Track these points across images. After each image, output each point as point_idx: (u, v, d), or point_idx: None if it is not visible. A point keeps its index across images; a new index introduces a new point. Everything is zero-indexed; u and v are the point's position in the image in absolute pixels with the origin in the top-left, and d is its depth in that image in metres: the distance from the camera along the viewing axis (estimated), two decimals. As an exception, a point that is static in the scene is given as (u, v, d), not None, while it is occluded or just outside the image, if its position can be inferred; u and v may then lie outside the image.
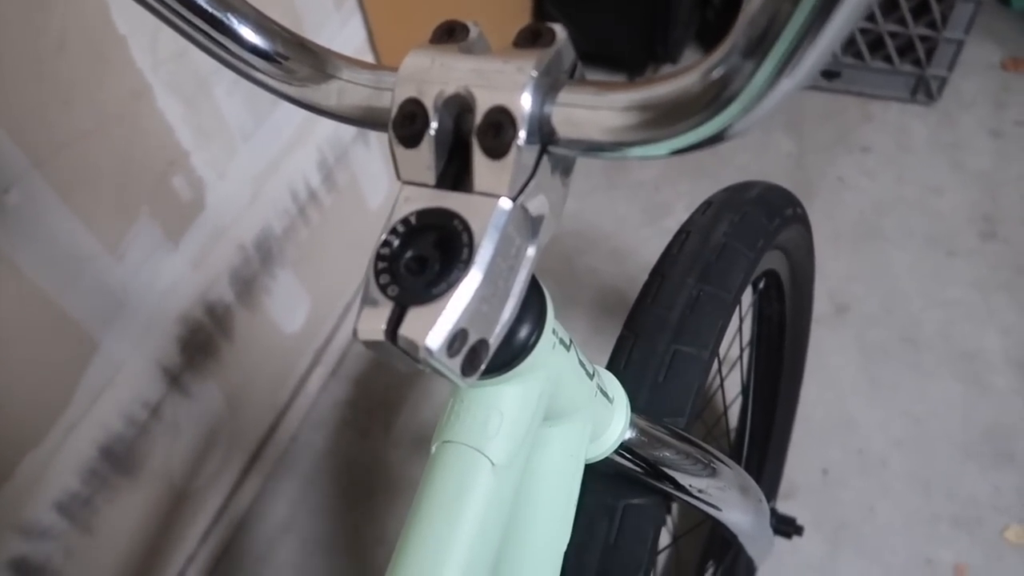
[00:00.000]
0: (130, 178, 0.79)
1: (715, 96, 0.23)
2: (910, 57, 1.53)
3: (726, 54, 0.22)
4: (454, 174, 0.29)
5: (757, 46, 0.21)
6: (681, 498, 0.50)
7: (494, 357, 0.29)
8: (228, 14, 0.29)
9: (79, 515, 0.84)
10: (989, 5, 1.42)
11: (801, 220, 0.74)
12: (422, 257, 0.27)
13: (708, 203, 0.64)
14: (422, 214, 0.28)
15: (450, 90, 0.27)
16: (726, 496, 0.51)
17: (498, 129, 0.26)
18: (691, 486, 0.49)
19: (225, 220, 0.95)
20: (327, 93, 0.31)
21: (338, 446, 1.22)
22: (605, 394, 0.40)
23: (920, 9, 1.45)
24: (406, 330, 0.26)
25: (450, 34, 0.29)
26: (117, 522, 0.90)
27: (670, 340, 0.52)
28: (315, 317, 1.21)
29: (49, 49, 0.67)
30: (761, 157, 1.55)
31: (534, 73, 0.26)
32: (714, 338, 0.53)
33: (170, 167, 0.84)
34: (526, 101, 0.26)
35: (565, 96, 0.27)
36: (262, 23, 0.30)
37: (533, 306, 0.31)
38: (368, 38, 1.13)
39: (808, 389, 1.04)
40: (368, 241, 1.34)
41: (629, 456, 0.44)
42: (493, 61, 0.27)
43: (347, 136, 1.16)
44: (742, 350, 0.81)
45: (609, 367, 0.54)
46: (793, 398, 1.00)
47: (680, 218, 0.64)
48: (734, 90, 0.22)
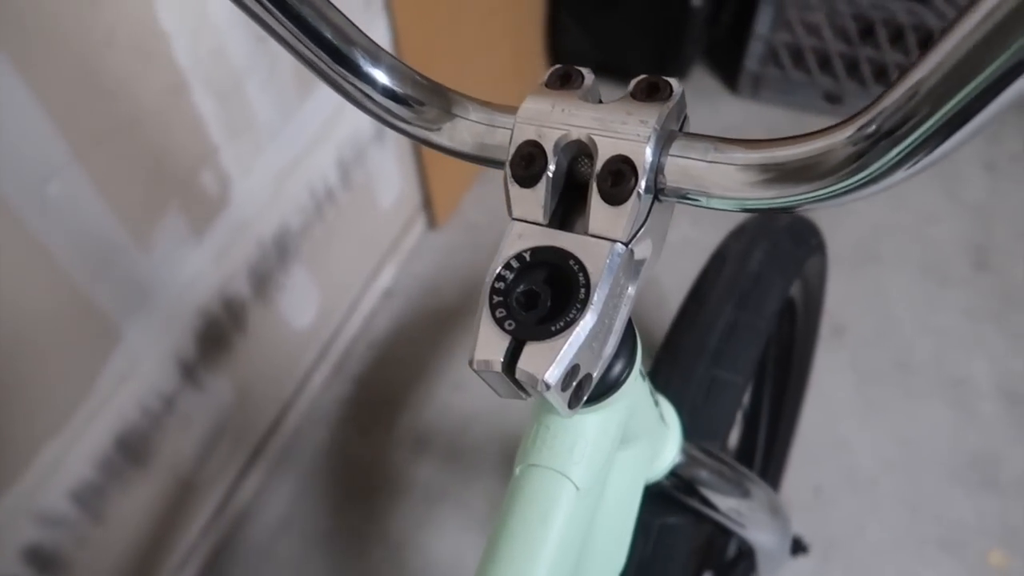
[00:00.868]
0: (162, 172, 0.80)
1: (841, 168, 0.24)
2: (912, 87, 1.57)
3: (859, 128, 0.23)
4: (563, 213, 0.30)
5: (898, 128, 0.22)
6: (714, 518, 0.52)
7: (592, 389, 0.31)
8: (365, 58, 0.31)
9: (92, 504, 0.85)
10: (991, 41, 1.46)
11: (821, 250, 0.77)
12: (534, 292, 0.29)
13: (741, 229, 0.66)
14: (537, 251, 0.29)
15: (572, 136, 0.29)
16: (756, 517, 0.53)
17: (619, 177, 0.28)
18: (725, 506, 0.51)
19: (247, 216, 0.95)
20: (445, 131, 0.32)
21: (340, 443, 1.23)
22: (663, 419, 0.42)
23: (925, 42, 1.49)
24: (525, 364, 0.27)
25: (566, 79, 0.31)
26: (126, 512, 0.91)
27: (709, 365, 0.54)
28: (323, 314, 1.22)
29: (98, 44, 0.67)
30: (764, 177, 1.57)
31: (656, 126, 0.28)
32: (750, 365, 0.55)
33: (200, 162, 0.85)
34: (648, 152, 0.27)
35: (679, 148, 0.28)
36: (395, 66, 0.32)
37: (627, 342, 0.33)
38: (393, 38, 1.13)
39: (803, 408, 1.06)
40: (377, 240, 1.35)
41: (674, 478, 0.46)
42: (616, 112, 0.28)
43: (365, 136, 1.17)
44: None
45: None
46: (794, 418, 1.03)
47: (693, 233, 0.66)
48: (863, 166, 0.24)
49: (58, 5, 0.62)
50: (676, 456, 0.44)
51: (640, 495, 0.42)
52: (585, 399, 0.30)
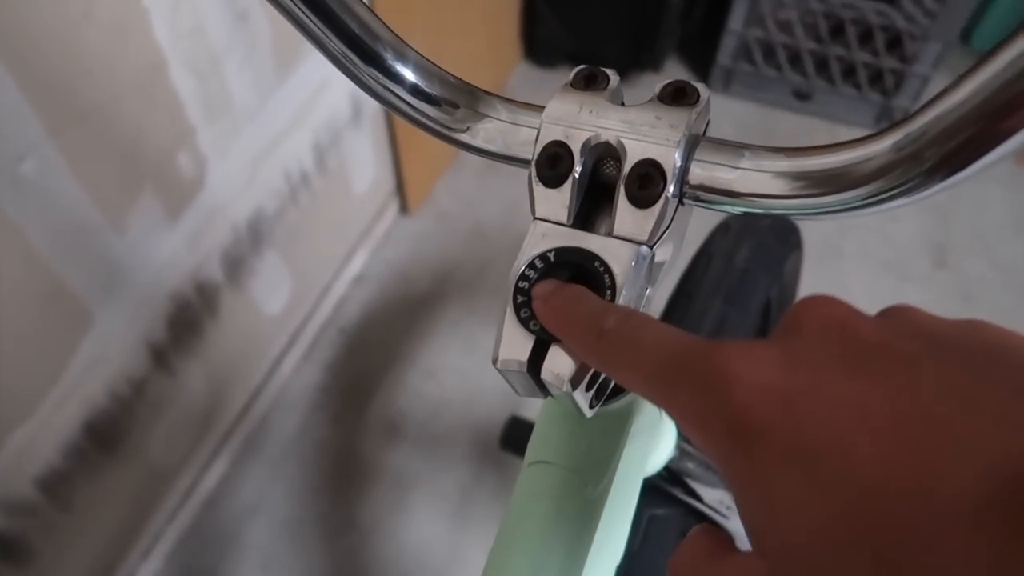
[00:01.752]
0: (138, 152, 0.78)
1: (870, 179, 0.25)
2: (878, 87, 1.61)
3: (893, 144, 0.24)
4: (586, 214, 0.31)
5: (927, 147, 0.23)
6: (701, 509, 0.53)
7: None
8: (394, 56, 0.30)
9: (59, 491, 0.83)
10: (953, 44, 1.50)
11: (799, 247, 0.78)
12: (559, 292, 0.29)
13: (726, 226, 0.67)
14: (561, 251, 0.29)
15: (601, 137, 0.29)
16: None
17: (647, 180, 0.28)
18: (712, 498, 0.52)
19: (222, 199, 0.93)
20: (471, 130, 0.32)
21: (310, 429, 1.22)
22: (662, 414, 0.43)
23: (893, 42, 1.52)
24: (552, 365, 0.28)
25: (591, 80, 0.31)
26: (92, 498, 0.89)
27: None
28: (294, 300, 1.21)
29: (76, 17, 0.65)
30: (733, 171, 1.60)
31: (686, 131, 0.28)
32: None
33: (177, 143, 0.82)
34: (678, 157, 0.28)
35: (704, 153, 0.29)
36: (425, 66, 0.31)
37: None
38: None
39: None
40: (350, 225, 1.34)
41: (666, 471, 0.47)
42: (645, 115, 0.29)
43: (342, 119, 1.16)
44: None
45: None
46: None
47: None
48: (893, 179, 0.24)
49: (36, -24, 0.60)
50: (672, 450, 0.45)
51: (639, 489, 0.42)
52: (603, 399, 0.30)
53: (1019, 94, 0.20)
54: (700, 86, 0.30)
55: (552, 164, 0.29)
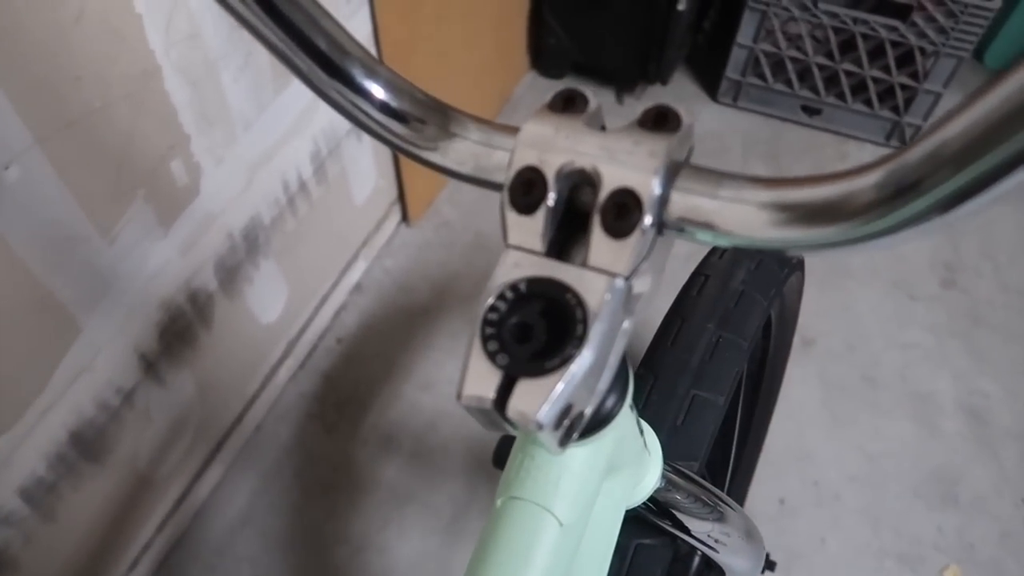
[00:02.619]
0: (130, 160, 0.77)
1: (857, 216, 0.23)
2: (889, 103, 1.59)
3: (882, 180, 0.22)
4: (562, 243, 0.29)
5: (919, 183, 0.21)
6: (688, 541, 0.51)
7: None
8: (361, 71, 0.29)
9: (42, 501, 0.82)
10: (966, 61, 1.48)
11: (800, 268, 0.77)
12: (528, 325, 0.27)
13: (724, 247, 0.65)
14: (533, 282, 0.28)
15: (576, 164, 0.27)
16: (731, 540, 0.53)
17: (623, 210, 0.26)
18: (700, 530, 0.50)
19: (217, 207, 0.92)
20: (442, 150, 0.30)
21: (303, 440, 1.21)
22: (646, 447, 0.41)
23: (905, 59, 1.50)
24: (518, 402, 0.26)
25: (569, 102, 0.29)
26: (78, 509, 0.88)
27: (690, 384, 0.54)
28: (291, 309, 1.19)
29: (66, 22, 0.64)
30: (740, 185, 1.58)
31: (665, 159, 0.26)
32: (731, 385, 0.55)
33: (170, 151, 0.82)
34: (656, 186, 0.26)
35: (685, 182, 0.27)
36: (395, 81, 0.30)
37: (620, 375, 0.32)
38: (373, 30, 1.11)
39: (771, 420, 1.07)
40: (350, 235, 1.33)
41: (652, 502, 0.45)
42: (622, 141, 0.27)
43: (342, 129, 1.15)
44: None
45: (625, 406, 0.55)
46: (763, 432, 1.03)
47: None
48: (880, 215, 0.23)
49: (24, -19, 0.59)
50: (656, 482, 0.43)
51: (620, 521, 0.41)
52: (576, 436, 0.29)
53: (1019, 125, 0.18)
54: (683, 111, 0.28)
55: (525, 190, 0.28)
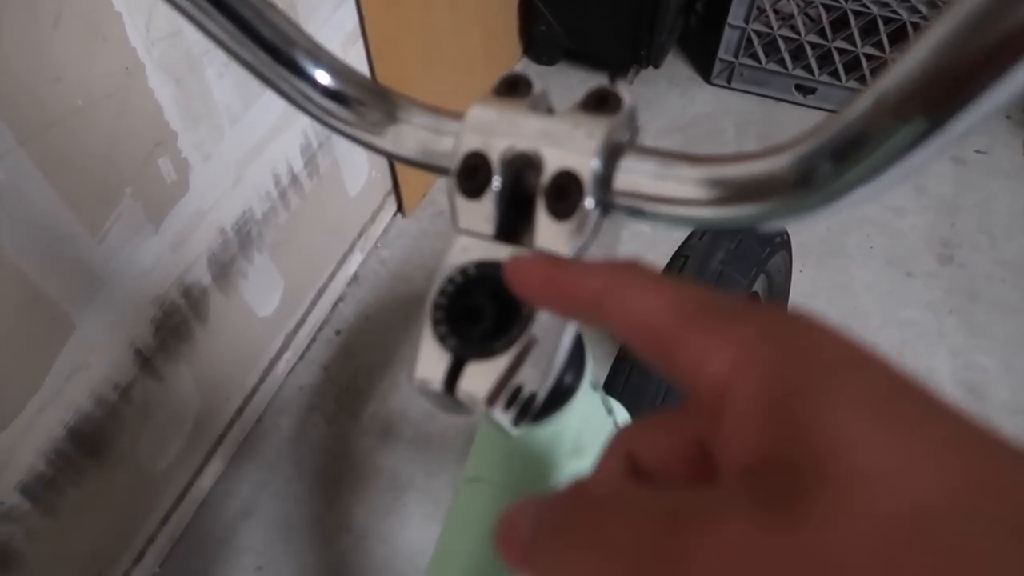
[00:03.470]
0: (116, 158, 0.77)
1: (792, 187, 0.24)
2: (883, 80, 1.58)
3: (812, 151, 0.23)
4: (510, 225, 0.29)
5: (850, 153, 0.22)
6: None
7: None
8: (306, 58, 0.29)
9: (43, 496, 0.83)
10: (961, 35, 1.47)
11: (786, 247, 0.77)
12: (478, 308, 0.28)
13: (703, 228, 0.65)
14: (481, 266, 0.28)
15: (518, 148, 0.28)
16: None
17: (564, 191, 0.27)
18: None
19: (207, 203, 0.93)
20: (389, 135, 0.31)
21: (304, 431, 1.22)
22: (617, 427, 0.42)
23: (897, 34, 1.49)
24: (466, 384, 0.27)
25: (513, 87, 0.30)
26: (80, 503, 0.89)
27: (667, 367, 0.54)
28: (288, 301, 1.20)
29: (44, 24, 0.64)
30: (735, 167, 1.58)
31: (603, 140, 0.27)
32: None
33: (156, 148, 0.82)
34: (595, 166, 0.27)
35: (629, 163, 0.27)
36: (337, 67, 0.30)
37: (575, 356, 0.32)
38: (360, 23, 1.11)
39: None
40: (345, 226, 1.33)
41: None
42: (562, 123, 0.27)
43: (331, 121, 1.15)
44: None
45: (606, 385, 0.55)
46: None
47: (652, 231, 0.65)
48: (814, 188, 0.23)
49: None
50: (630, 463, 0.44)
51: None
52: (531, 417, 0.29)
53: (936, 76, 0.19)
54: (624, 93, 0.28)
55: (471, 175, 0.28)
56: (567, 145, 0.27)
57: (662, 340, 0.18)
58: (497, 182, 0.28)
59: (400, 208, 1.47)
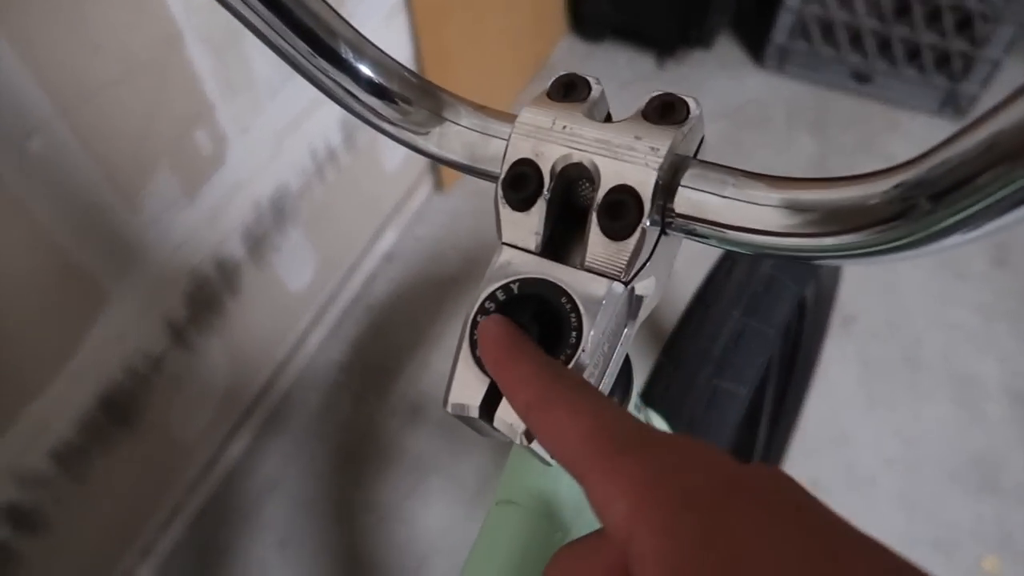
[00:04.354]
0: (153, 129, 0.76)
1: (879, 222, 0.21)
2: (944, 70, 1.51)
3: (908, 188, 0.20)
4: (559, 240, 0.27)
5: (952, 193, 0.19)
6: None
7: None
8: (349, 50, 0.27)
9: (74, 463, 0.83)
10: (1030, 26, 1.40)
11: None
12: (520, 328, 0.26)
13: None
14: (526, 283, 0.26)
15: (572, 158, 0.25)
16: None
17: (621, 209, 0.24)
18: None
19: (243, 176, 0.92)
20: (433, 136, 0.29)
21: (331, 408, 1.22)
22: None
23: (963, 23, 1.42)
24: (505, 413, 0.25)
25: (570, 89, 0.27)
26: (109, 471, 0.89)
27: (711, 375, 0.51)
28: (320, 277, 1.19)
29: (84, -9, 0.63)
30: (783, 155, 1.53)
31: (667, 154, 0.24)
32: (756, 375, 0.52)
33: (194, 120, 0.81)
34: (657, 184, 0.24)
35: (693, 178, 0.25)
36: (382, 61, 0.28)
37: (621, 377, 0.30)
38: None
39: (806, 400, 1.04)
40: (380, 202, 1.32)
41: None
42: (622, 133, 0.25)
43: (371, 96, 1.13)
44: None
45: (645, 393, 0.53)
46: (795, 415, 1.01)
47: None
48: (906, 226, 0.20)
49: (40, -51, 0.58)
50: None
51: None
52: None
53: None
54: (690, 101, 0.26)
55: (520, 185, 0.26)
56: (627, 158, 0.24)
57: (575, 470, 0.19)
58: (547, 194, 0.26)
59: (437, 185, 1.45)
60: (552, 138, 0.26)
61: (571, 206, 0.27)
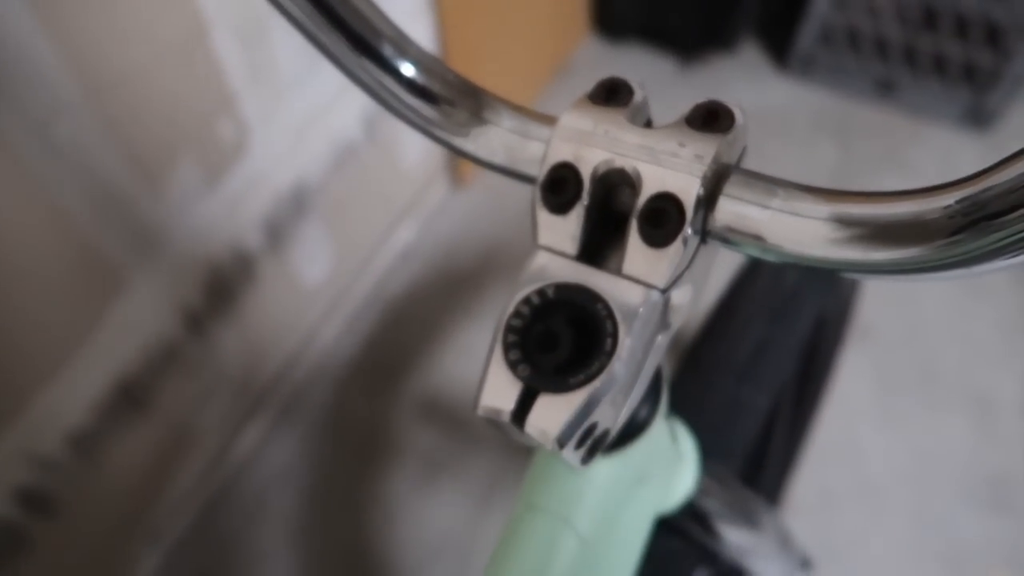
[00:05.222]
0: (177, 117, 0.76)
1: (930, 241, 0.21)
2: (969, 82, 1.49)
3: (971, 204, 0.20)
4: (596, 245, 0.27)
5: (1007, 213, 0.18)
6: (720, 548, 0.49)
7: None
8: (391, 49, 0.27)
9: (88, 448, 0.84)
10: (1060, 40, 1.38)
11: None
12: (555, 334, 0.25)
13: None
14: (562, 288, 0.26)
15: (614, 163, 0.25)
16: (764, 550, 0.51)
17: (663, 217, 0.24)
18: (733, 538, 0.48)
19: (264, 166, 0.92)
20: (473, 137, 0.28)
21: (344, 402, 1.22)
22: (680, 454, 0.39)
23: (991, 36, 1.41)
24: (538, 419, 0.24)
25: (613, 93, 0.27)
26: (122, 457, 0.90)
27: (734, 384, 0.51)
28: (336, 270, 1.19)
29: (115, -23, 0.63)
30: (805, 163, 1.52)
31: (712, 163, 0.24)
32: (777, 385, 0.52)
33: (218, 109, 0.81)
34: (701, 192, 0.24)
35: (736, 188, 0.24)
36: (425, 60, 0.28)
37: (652, 389, 0.30)
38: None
39: (820, 411, 1.03)
40: (398, 197, 1.32)
41: (683, 508, 0.43)
42: (666, 140, 0.25)
43: (393, 90, 1.13)
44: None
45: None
46: (808, 425, 1.00)
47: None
48: (957, 243, 0.20)
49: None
50: (689, 489, 0.41)
51: (649, 529, 0.39)
52: (601, 453, 0.27)
53: None
54: (736, 109, 0.25)
55: (559, 188, 0.26)
56: (670, 165, 0.24)
57: None
58: (587, 199, 0.25)
59: (455, 182, 1.45)
60: (593, 142, 0.25)
61: (610, 212, 0.27)
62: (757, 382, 0.52)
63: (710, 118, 0.25)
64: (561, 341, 0.25)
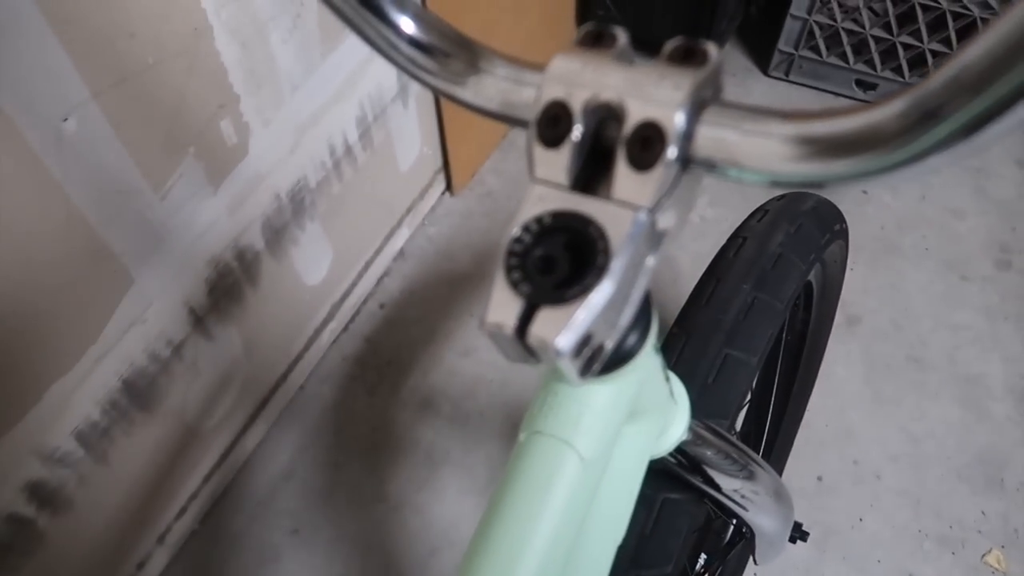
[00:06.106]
0: (181, 117, 0.79)
1: (878, 146, 0.23)
2: (948, 77, 1.53)
3: (905, 108, 0.22)
4: (587, 177, 0.29)
5: (942, 108, 0.21)
6: (716, 496, 0.51)
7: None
8: (392, 5, 0.30)
9: (96, 445, 0.85)
10: (1033, 34, 1.42)
11: (844, 236, 0.75)
12: (552, 257, 0.28)
13: (764, 210, 0.64)
14: (557, 215, 0.28)
15: (601, 97, 0.28)
16: (759, 500, 0.53)
17: (647, 143, 0.27)
18: (728, 487, 0.51)
19: (265, 168, 0.94)
20: (470, 85, 0.31)
21: (345, 401, 1.24)
22: (672, 395, 0.42)
23: (967, 31, 1.45)
24: (538, 329, 0.27)
25: (597, 39, 0.29)
26: (129, 454, 0.91)
27: (723, 343, 0.53)
28: (335, 272, 1.22)
29: (122, -20, 0.66)
30: (789, 160, 1.55)
31: (689, 92, 0.26)
32: (764, 346, 0.54)
33: (220, 110, 0.84)
34: (679, 118, 0.26)
35: (713, 116, 0.27)
36: (422, 15, 0.31)
37: (643, 314, 0.32)
38: (420, -2, 1.11)
39: (812, 396, 1.05)
40: (394, 201, 1.34)
41: (677, 454, 0.46)
42: (647, 75, 0.27)
43: (388, 94, 1.16)
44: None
45: (658, 362, 0.55)
46: (802, 404, 1.02)
47: (711, 213, 0.65)
48: (901, 145, 0.23)
49: (83, -62, 0.61)
50: (683, 433, 0.43)
51: (644, 469, 0.41)
52: (597, 369, 0.29)
53: None
54: (710, 47, 0.28)
55: (552, 124, 0.28)
56: (652, 96, 0.27)
57: None
58: (578, 131, 0.28)
59: (449, 186, 1.48)
60: (582, 80, 0.28)
61: (599, 144, 0.29)
62: (746, 342, 0.54)
63: (687, 55, 0.28)
64: (558, 263, 0.28)
